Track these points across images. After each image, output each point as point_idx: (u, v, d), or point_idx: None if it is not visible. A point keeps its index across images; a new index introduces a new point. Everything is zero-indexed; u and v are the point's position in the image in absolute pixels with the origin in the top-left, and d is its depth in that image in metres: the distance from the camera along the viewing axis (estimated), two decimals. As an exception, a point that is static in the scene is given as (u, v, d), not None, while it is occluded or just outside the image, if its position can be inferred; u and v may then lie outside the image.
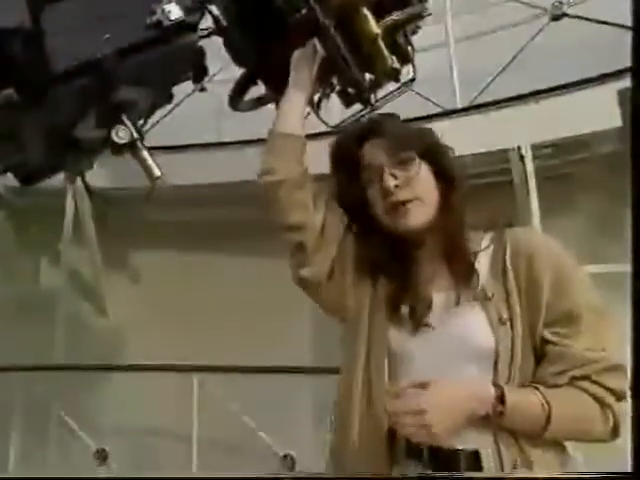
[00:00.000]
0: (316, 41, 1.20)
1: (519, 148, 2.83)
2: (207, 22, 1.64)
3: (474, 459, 0.82)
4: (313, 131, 1.42)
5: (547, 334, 0.88)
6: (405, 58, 1.62)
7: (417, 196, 0.93)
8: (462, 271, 0.92)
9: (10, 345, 2.83)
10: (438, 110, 3.07)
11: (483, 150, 2.89)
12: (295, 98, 1.15)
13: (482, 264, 0.94)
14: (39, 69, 1.03)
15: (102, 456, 2.68)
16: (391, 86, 1.64)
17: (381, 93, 1.66)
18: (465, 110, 3.04)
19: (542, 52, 2.91)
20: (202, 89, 3.44)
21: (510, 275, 0.90)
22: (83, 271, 3.33)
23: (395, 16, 1.38)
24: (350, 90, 1.59)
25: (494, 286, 0.91)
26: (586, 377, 0.86)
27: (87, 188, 1.53)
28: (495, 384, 0.84)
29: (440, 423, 0.80)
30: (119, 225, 3.26)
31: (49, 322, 3.03)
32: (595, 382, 0.86)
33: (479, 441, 0.84)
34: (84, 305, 3.32)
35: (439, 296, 0.93)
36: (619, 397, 0.86)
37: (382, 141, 0.97)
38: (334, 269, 1.02)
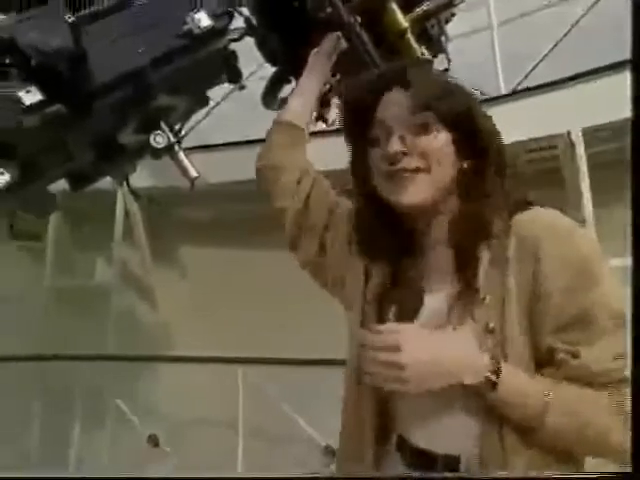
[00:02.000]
0: (339, 35, 1.21)
1: (569, 133, 2.69)
2: (239, 23, 1.68)
3: (453, 464, 0.75)
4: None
5: (553, 341, 0.73)
6: (438, 48, 1.60)
7: (425, 167, 0.77)
8: (466, 271, 0.77)
9: (69, 336, 3.05)
10: (481, 98, 2.97)
11: (531, 137, 2.78)
12: (303, 89, 1.15)
13: (482, 260, 0.78)
14: (83, 84, 1.10)
15: (154, 441, 2.85)
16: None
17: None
18: (510, 96, 2.92)
19: (593, 30, 2.75)
20: (242, 87, 3.52)
21: (511, 271, 0.75)
22: (134, 268, 3.51)
23: (424, 7, 1.36)
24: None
25: (491, 286, 0.76)
26: (606, 385, 0.72)
27: (132, 191, 1.62)
28: (492, 356, 0.72)
29: (415, 368, 0.70)
30: (166, 223, 3.41)
31: (105, 315, 3.24)
32: (616, 389, 0.71)
33: (461, 445, 0.75)
34: (136, 300, 3.52)
35: (430, 298, 0.81)
36: None
37: (402, 95, 0.80)
38: (325, 247, 0.96)
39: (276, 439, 2.84)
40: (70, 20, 0.96)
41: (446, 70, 1.64)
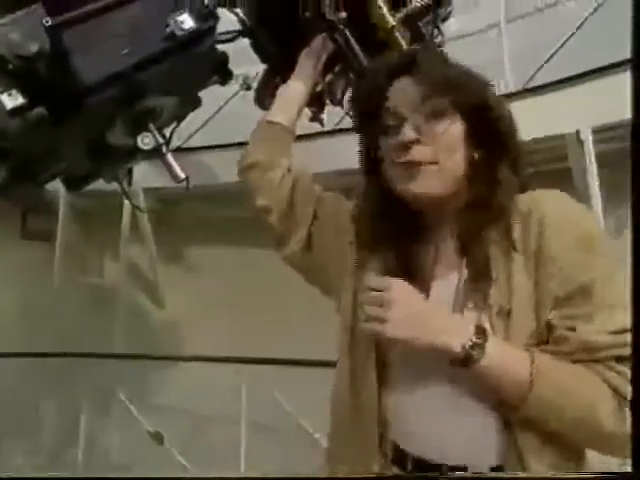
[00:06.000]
0: (325, 36, 1.20)
1: (578, 132, 2.62)
2: (230, 25, 1.68)
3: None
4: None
5: (553, 318, 0.73)
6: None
7: (435, 159, 0.76)
8: (477, 261, 0.76)
9: (77, 334, 3.11)
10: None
11: (539, 136, 2.71)
12: (291, 90, 1.16)
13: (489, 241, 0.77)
14: (65, 87, 1.11)
15: (158, 438, 2.89)
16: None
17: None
18: (517, 94, 2.86)
19: (604, 25, 2.67)
20: (248, 88, 3.53)
21: (517, 249, 0.75)
22: (142, 267, 3.57)
23: (413, 5, 1.33)
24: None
25: (499, 266, 0.75)
26: (598, 361, 0.71)
27: (125, 193, 1.64)
28: (477, 325, 0.72)
29: (400, 310, 0.71)
30: (174, 222, 3.45)
31: (113, 314, 3.30)
32: (609, 367, 0.70)
33: (472, 455, 0.73)
34: (143, 298, 3.57)
35: (436, 284, 0.80)
36: None
37: (414, 81, 0.78)
38: (312, 242, 0.97)
39: (278, 438, 2.84)
40: (48, 24, 0.98)
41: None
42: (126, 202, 3.19)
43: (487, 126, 0.78)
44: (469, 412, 0.74)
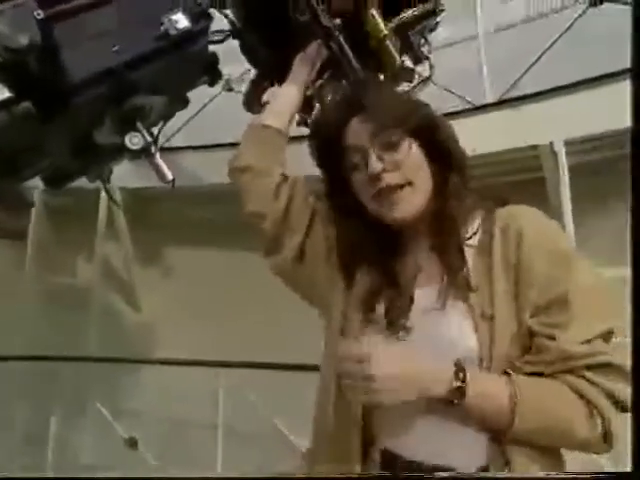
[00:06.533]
0: (320, 43, 1.21)
1: (551, 144, 2.72)
2: (223, 25, 1.68)
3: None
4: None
5: (533, 324, 0.77)
6: (419, 56, 1.60)
7: (408, 180, 0.82)
8: (453, 265, 0.81)
9: (51, 337, 3.01)
10: (467, 106, 3.00)
11: (514, 146, 2.80)
12: (285, 94, 1.16)
13: (469, 251, 0.82)
14: (54, 82, 1.08)
15: (132, 443, 2.82)
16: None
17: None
18: (495, 105, 2.95)
19: (579, 41, 2.78)
20: (229, 89, 3.51)
21: (496, 259, 0.79)
22: (117, 267, 3.48)
23: (404, 15, 1.36)
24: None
25: (480, 275, 0.80)
26: (570, 371, 0.75)
27: (107, 192, 1.61)
28: (456, 364, 0.75)
29: (384, 380, 0.73)
30: (151, 223, 3.38)
31: (87, 316, 3.20)
32: (581, 377, 0.75)
33: (460, 457, 0.77)
34: (119, 300, 3.48)
35: (420, 292, 0.83)
36: (614, 400, 0.73)
37: (366, 119, 0.85)
38: (305, 253, 0.97)
39: (255, 442, 2.82)
40: (40, 16, 0.95)
41: (428, 78, 1.64)
42: (102, 201, 3.12)
43: (438, 143, 0.85)
44: (459, 424, 0.77)
